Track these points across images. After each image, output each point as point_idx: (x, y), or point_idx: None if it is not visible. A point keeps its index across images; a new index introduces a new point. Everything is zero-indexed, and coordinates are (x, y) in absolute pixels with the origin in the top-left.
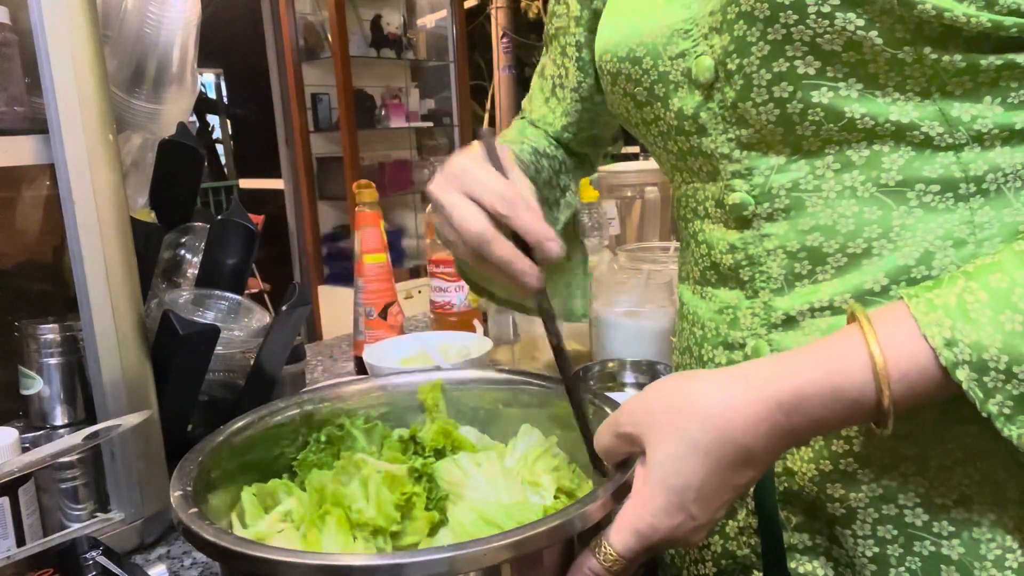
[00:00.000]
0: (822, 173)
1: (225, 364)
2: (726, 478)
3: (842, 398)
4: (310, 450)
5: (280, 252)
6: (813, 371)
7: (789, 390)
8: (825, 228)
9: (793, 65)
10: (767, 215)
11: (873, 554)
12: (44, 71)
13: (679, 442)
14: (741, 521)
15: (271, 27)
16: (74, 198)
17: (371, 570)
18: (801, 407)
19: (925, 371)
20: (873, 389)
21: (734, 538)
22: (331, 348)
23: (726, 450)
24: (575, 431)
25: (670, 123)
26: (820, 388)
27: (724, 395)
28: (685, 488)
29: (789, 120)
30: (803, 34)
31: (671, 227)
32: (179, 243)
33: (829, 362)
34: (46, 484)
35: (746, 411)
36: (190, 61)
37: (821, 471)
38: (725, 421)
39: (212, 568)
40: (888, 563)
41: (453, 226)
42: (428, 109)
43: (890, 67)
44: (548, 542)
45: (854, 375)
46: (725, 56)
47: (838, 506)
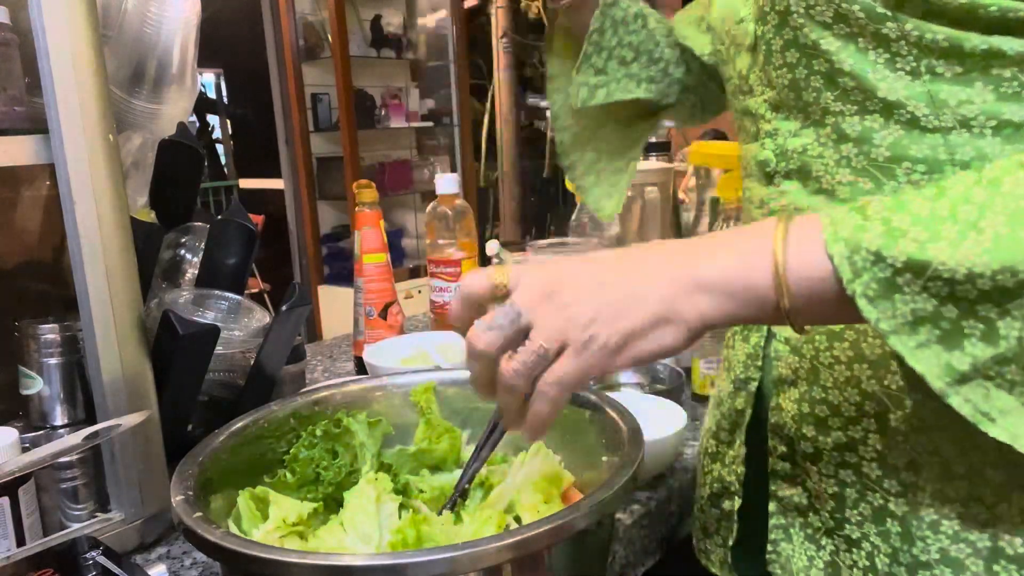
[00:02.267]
0: (824, 142)
1: (225, 364)
2: (593, 265)
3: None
4: (302, 444)
5: (280, 252)
6: (722, 262)
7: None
8: (826, 192)
9: (796, 35)
10: (785, 173)
11: (832, 492)
12: (44, 71)
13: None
14: (735, 450)
15: (271, 27)
16: (74, 198)
17: (371, 570)
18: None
19: (816, 263)
20: (772, 286)
21: (728, 465)
22: (331, 348)
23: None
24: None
25: (735, 83)
26: (724, 280)
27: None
28: (554, 263)
29: (797, 85)
30: (798, 5)
31: (671, 227)
32: (179, 243)
33: (739, 257)
34: (46, 484)
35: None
36: (190, 61)
37: (801, 412)
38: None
39: (212, 568)
40: (845, 504)
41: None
42: (428, 109)
43: (877, 42)
44: (548, 542)
45: (757, 270)
46: (755, 23)
47: (809, 445)
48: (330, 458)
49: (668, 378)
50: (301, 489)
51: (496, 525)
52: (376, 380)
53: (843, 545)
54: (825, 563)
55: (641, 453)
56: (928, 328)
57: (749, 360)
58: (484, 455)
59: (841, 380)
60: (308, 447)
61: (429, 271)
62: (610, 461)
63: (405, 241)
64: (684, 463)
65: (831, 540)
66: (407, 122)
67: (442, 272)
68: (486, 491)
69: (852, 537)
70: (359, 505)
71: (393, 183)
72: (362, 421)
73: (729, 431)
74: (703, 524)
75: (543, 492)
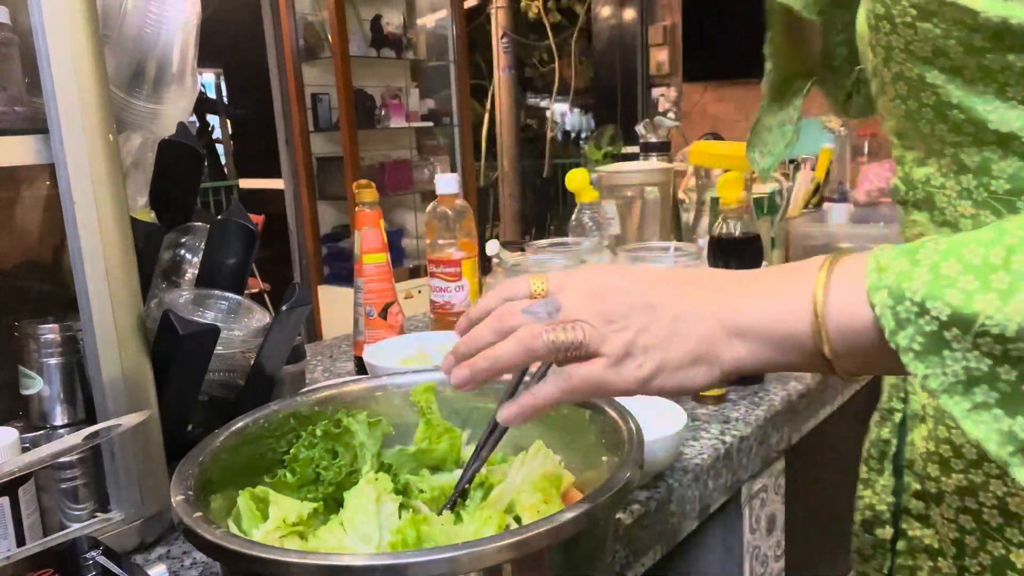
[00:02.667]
0: (945, 172)
1: (225, 364)
2: (641, 283)
3: (780, 336)
4: (302, 444)
5: (280, 252)
6: (760, 306)
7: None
8: (950, 224)
9: (902, 68)
10: (913, 203)
11: (953, 538)
12: (44, 71)
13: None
14: (885, 479)
15: (271, 27)
16: (74, 198)
17: (371, 570)
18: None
19: (858, 312)
20: (811, 333)
21: (879, 493)
22: (331, 348)
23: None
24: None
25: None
26: (761, 323)
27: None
28: (598, 272)
29: (912, 116)
30: (898, 41)
31: (671, 227)
32: (179, 243)
33: (779, 300)
34: (46, 484)
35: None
36: (190, 61)
37: (928, 450)
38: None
39: (212, 568)
40: (964, 551)
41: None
42: (428, 109)
43: (983, 74)
44: (548, 542)
45: (796, 317)
46: (872, 54)
47: (933, 485)
48: (330, 458)
49: None
50: (301, 489)
51: (496, 525)
52: (376, 380)
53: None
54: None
55: (641, 453)
56: (985, 390)
57: (893, 390)
58: (484, 455)
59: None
60: (308, 447)
61: (429, 271)
62: (610, 461)
63: (405, 241)
64: (684, 463)
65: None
66: (407, 122)
67: (442, 272)
68: (486, 491)
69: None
70: (359, 505)
71: (393, 183)
72: (362, 421)
73: (878, 459)
74: (859, 548)
75: (543, 492)
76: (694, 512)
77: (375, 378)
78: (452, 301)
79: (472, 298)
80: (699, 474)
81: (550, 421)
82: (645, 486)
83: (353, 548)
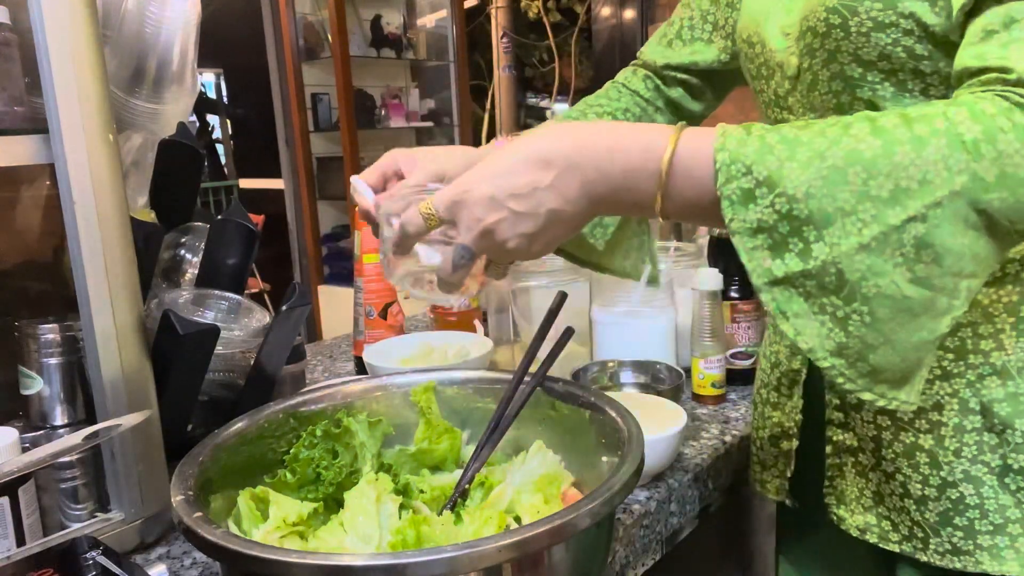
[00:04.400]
0: None
1: (225, 364)
2: (528, 167)
3: (635, 144)
4: (302, 444)
5: (280, 252)
6: (627, 134)
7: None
8: None
9: (843, 68)
10: None
11: (872, 435)
12: (44, 71)
13: (508, 145)
14: (794, 402)
15: (271, 27)
16: (74, 198)
17: (371, 570)
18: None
19: (703, 152)
20: (663, 144)
21: (787, 413)
22: (331, 348)
23: (534, 147)
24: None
25: (770, 97)
26: (617, 145)
27: (553, 127)
28: (496, 162)
29: (841, 109)
30: (848, 47)
31: (671, 227)
32: (179, 243)
33: (642, 131)
34: (46, 484)
35: (560, 132)
36: (190, 61)
37: None
38: (544, 135)
39: (212, 568)
40: (881, 444)
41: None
42: (428, 109)
43: (915, 76)
44: (548, 542)
45: (651, 136)
46: (801, 57)
47: (853, 397)
48: (330, 458)
49: (668, 378)
50: (301, 489)
51: (496, 525)
52: (376, 380)
53: (883, 478)
54: (872, 492)
55: (641, 453)
56: (764, 237)
57: None
58: (484, 455)
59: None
60: (308, 447)
61: None
62: (610, 461)
63: None
64: (684, 463)
65: (875, 474)
66: (407, 122)
67: None
68: (486, 491)
69: (887, 471)
70: (359, 505)
71: None
72: (362, 421)
73: (788, 386)
74: (761, 460)
75: (543, 492)
76: (694, 512)
77: (375, 378)
78: (452, 301)
79: (472, 298)
80: (699, 474)
81: (550, 421)
82: (645, 486)
83: (353, 548)
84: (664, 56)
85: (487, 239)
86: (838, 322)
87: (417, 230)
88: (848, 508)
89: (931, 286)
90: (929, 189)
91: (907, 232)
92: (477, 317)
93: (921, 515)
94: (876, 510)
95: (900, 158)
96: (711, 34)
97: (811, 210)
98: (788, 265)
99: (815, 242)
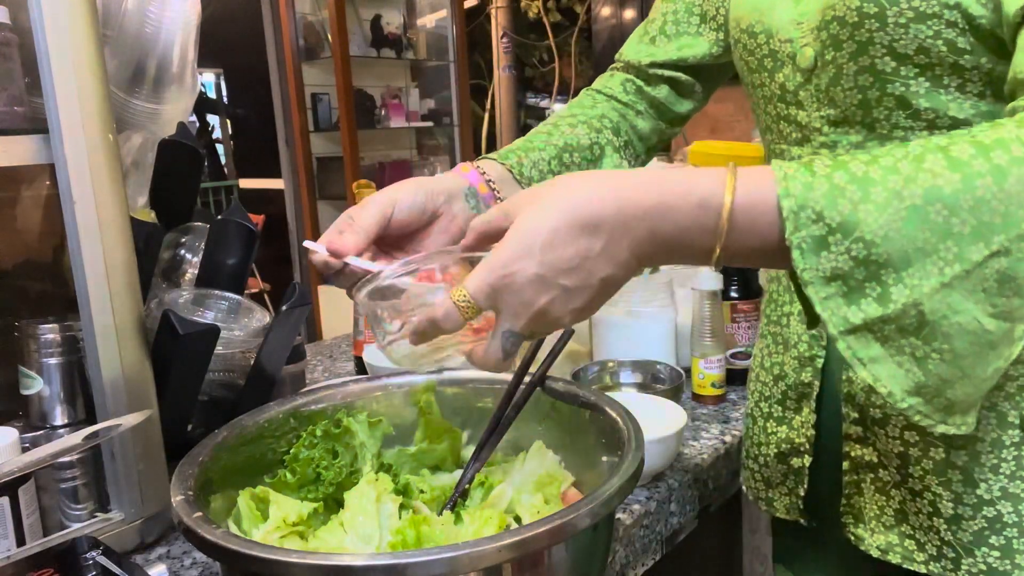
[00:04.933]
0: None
1: (225, 364)
2: (574, 235)
3: (687, 201)
4: (302, 444)
5: (280, 252)
6: (675, 188)
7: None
8: None
9: (874, 62)
10: None
11: (899, 451)
12: (44, 71)
13: (537, 204)
14: (804, 416)
15: (271, 27)
16: (74, 198)
17: (371, 570)
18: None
19: (765, 200)
20: (719, 196)
21: (796, 429)
22: (331, 348)
23: (577, 211)
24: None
25: (773, 91)
26: (672, 196)
27: (588, 180)
28: (534, 231)
29: (868, 105)
30: (883, 39)
31: None
32: (179, 243)
33: (692, 183)
34: (46, 484)
35: (601, 190)
36: (190, 61)
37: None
38: (581, 191)
39: (212, 568)
40: (909, 460)
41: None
42: (428, 109)
43: (953, 71)
44: (548, 542)
45: (703, 188)
46: (823, 48)
47: (878, 411)
48: (330, 458)
49: (668, 378)
50: (301, 489)
51: (496, 525)
52: (376, 380)
53: (908, 495)
54: (895, 510)
55: (641, 453)
56: (838, 284)
57: (813, 340)
58: (484, 455)
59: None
60: (308, 447)
61: None
62: (610, 461)
63: None
64: (684, 463)
65: (898, 491)
66: (407, 122)
67: None
68: (486, 491)
69: (915, 489)
70: (359, 505)
71: (393, 183)
72: (362, 421)
73: (796, 400)
74: (765, 478)
75: (543, 492)
76: (694, 512)
77: (375, 378)
78: None
79: None
80: (699, 474)
81: (550, 421)
82: (645, 486)
83: (353, 548)
84: (649, 54)
85: (538, 321)
86: (916, 362)
87: (455, 325)
88: (867, 527)
89: (1011, 317)
90: (1013, 222)
91: (989, 267)
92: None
93: (953, 535)
94: (899, 529)
95: (982, 192)
96: (699, 27)
97: (890, 253)
98: (866, 311)
99: (894, 285)
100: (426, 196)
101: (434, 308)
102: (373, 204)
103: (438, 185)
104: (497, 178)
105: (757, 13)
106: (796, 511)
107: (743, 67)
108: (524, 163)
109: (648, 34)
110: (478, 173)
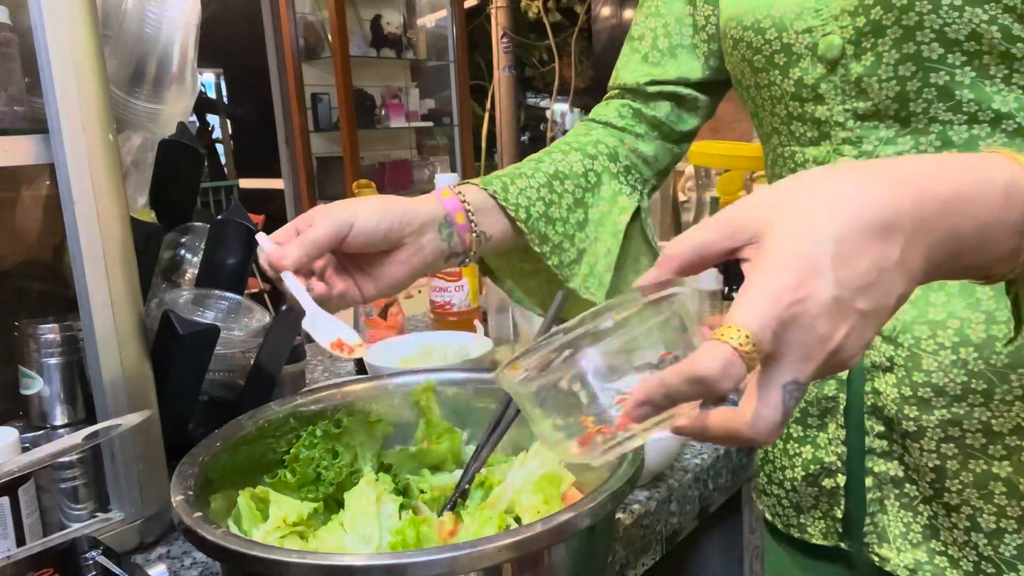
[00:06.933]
0: (924, 149)
1: (225, 364)
2: (866, 243)
3: (990, 189)
4: (302, 444)
5: None
6: (969, 173)
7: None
8: None
9: (919, 48)
10: None
11: (934, 465)
12: (44, 71)
13: (797, 208)
14: (831, 433)
15: (271, 27)
16: (74, 198)
17: (371, 570)
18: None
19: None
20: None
21: (823, 447)
22: None
23: (865, 210)
24: None
25: (786, 89)
26: (968, 181)
27: (858, 171)
28: (813, 243)
29: (906, 97)
30: (934, 22)
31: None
32: (179, 243)
33: (984, 165)
34: (46, 484)
35: (888, 179)
36: (190, 61)
37: (902, 395)
38: (858, 184)
39: (212, 568)
40: (945, 474)
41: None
42: (428, 109)
43: (1002, 60)
44: (548, 542)
45: (1004, 171)
46: (859, 36)
47: (911, 424)
48: (330, 458)
49: None
50: (301, 489)
51: (496, 525)
52: (376, 380)
53: (941, 510)
54: (923, 526)
55: (641, 453)
56: None
57: None
58: (484, 455)
59: (947, 364)
60: (308, 447)
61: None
62: (610, 461)
63: None
64: (684, 463)
65: (929, 507)
66: (407, 122)
67: (442, 272)
68: (486, 491)
69: (951, 503)
70: (359, 505)
71: (393, 183)
72: (362, 421)
73: (819, 416)
74: (795, 503)
75: (543, 492)
76: (694, 512)
77: (375, 378)
78: (452, 301)
79: (472, 298)
80: (699, 474)
81: None
82: (645, 486)
83: (353, 548)
84: (647, 73)
85: (828, 364)
86: None
87: (734, 382)
88: (892, 546)
89: None
90: None
91: None
92: (477, 317)
93: (994, 550)
94: (927, 545)
95: None
96: (692, 37)
97: None
98: None
99: None
100: (392, 224)
101: (695, 362)
102: (329, 220)
103: (410, 214)
104: (477, 206)
105: (764, 7)
106: (835, 535)
107: (745, 68)
108: (510, 189)
109: (638, 52)
110: (459, 200)
